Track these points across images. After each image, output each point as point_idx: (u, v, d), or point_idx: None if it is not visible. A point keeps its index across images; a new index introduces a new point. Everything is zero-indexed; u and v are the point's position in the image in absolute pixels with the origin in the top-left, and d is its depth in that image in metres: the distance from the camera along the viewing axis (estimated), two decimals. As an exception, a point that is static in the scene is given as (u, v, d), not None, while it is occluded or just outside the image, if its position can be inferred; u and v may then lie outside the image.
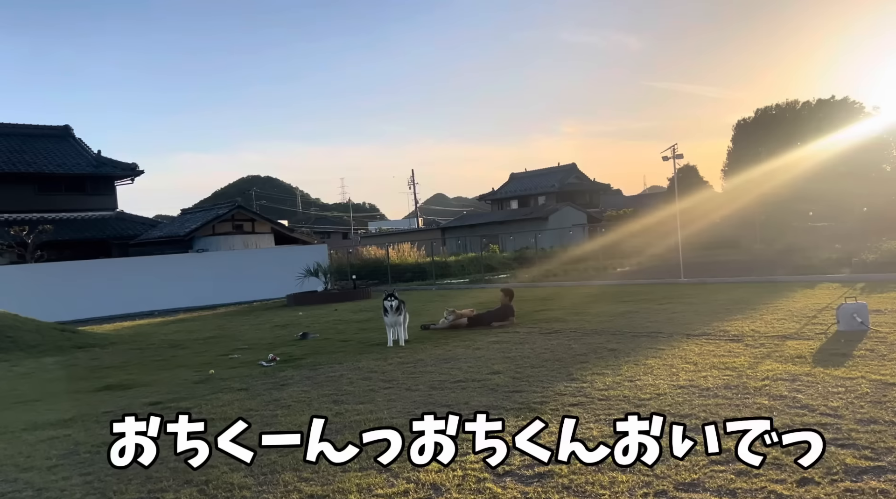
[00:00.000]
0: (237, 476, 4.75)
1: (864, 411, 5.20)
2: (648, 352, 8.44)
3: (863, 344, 7.90)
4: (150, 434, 4.21)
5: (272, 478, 4.67)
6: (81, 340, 13.81)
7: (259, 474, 4.78)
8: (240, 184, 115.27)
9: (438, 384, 7.44)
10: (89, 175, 31.77)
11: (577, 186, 62.70)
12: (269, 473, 4.79)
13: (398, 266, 32.32)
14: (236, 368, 9.72)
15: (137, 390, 8.53)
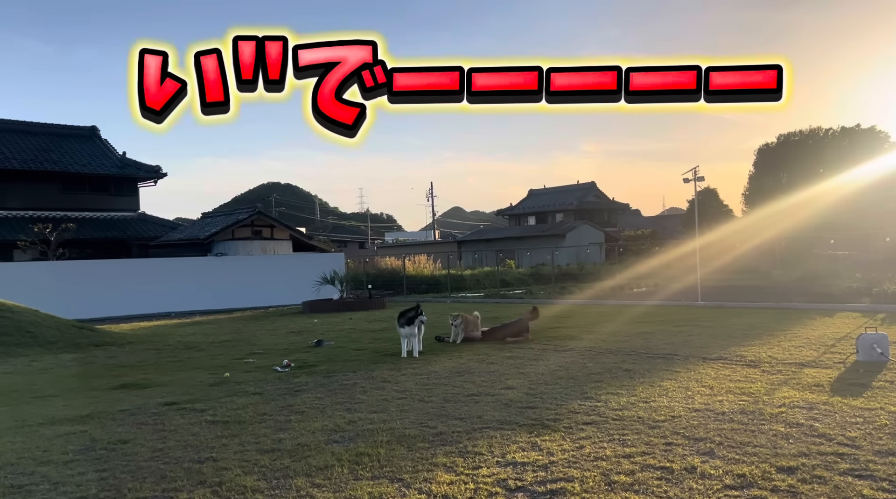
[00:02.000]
0: (250, 479, 4.78)
1: (882, 443, 5.14)
2: (664, 374, 8.39)
3: (882, 375, 7.80)
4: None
5: (285, 483, 4.70)
6: (99, 338, 13.97)
7: (272, 478, 4.81)
8: (260, 190, 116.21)
9: (452, 397, 7.45)
10: (113, 176, 32.22)
11: (595, 204, 62.55)
12: (281, 477, 4.82)
13: (414, 277, 32.36)
14: (251, 373, 9.78)
15: (153, 390, 8.62)
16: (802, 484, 4.31)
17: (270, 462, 5.20)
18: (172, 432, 6.25)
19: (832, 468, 4.59)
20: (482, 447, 5.40)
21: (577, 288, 28.52)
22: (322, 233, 78.56)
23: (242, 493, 4.52)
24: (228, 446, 5.69)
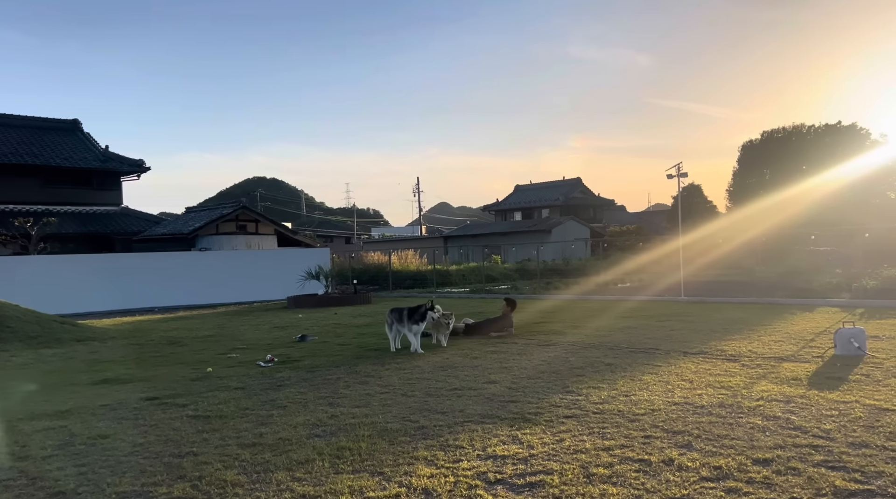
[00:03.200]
0: (231, 473, 4.78)
1: (856, 435, 5.22)
2: (645, 368, 8.47)
3: (859, 369, 7.92)
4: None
5: (265, 477, 4.70)
6: (81, 333, 13.86)
7: (252, 472, 4.81)
8: (245, 184, 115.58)
9: (435, 391, 7.47)
10: (96, 170, 31.91)
11: (581, 200, 62.80)
12: (262, 471, 4.82)
13: (399, 273, 32.36)
14: (234, 368, 9.75)
15: (135, 385, 8.57)
16: (777, 476, 4.37)
17: (251, 456, 5.19)
18: (153, 427, 6.23)
19: (806, 460, 4.66)
20: (463, 441, 5.43)
21: (562, 283, 28.65)
22: (308, 228, 78.28)
23: (222, 487, 4.51)
24: (209, 441, 5.69)
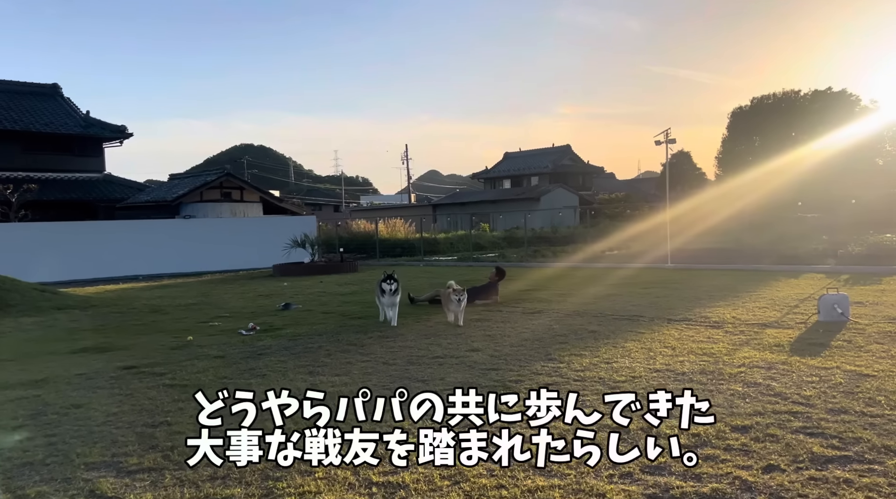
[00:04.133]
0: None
1: (835, 401, 5.20)
2: (628, 335, 8.44)
3: (841, 335, 7.92)
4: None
5: (239, 446, 4.61)
6: (62, 301, 13.69)
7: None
8: (232, 152, 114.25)
9: (416, 359, 7.41)
10: (77, 135, 31.33)
11: (570, 167, 62.57)
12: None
13: (387, 241, 32.22)
14: (215, 336, 9.65)
15: (113, 354, 8.46)
16: (755, 443, 4.34)
17: (227, 424, 5.10)
18: (128, 397, 6.13)
19: (785, 427, 4.63)
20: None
21: (549, 252, 28.63)
22: (296, 196, 77.73)
23: (194, 457, 4.42)
24: (184, 410, 5.59)
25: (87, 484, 4.01)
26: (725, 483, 3.73)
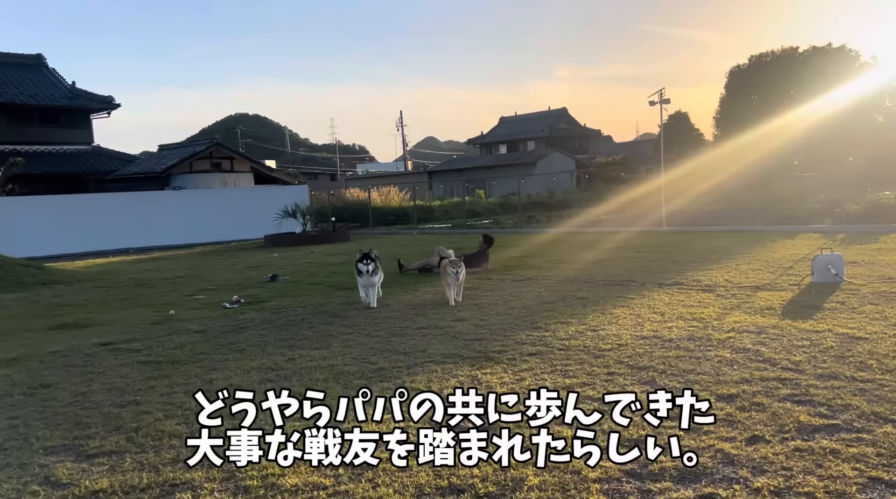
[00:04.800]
0: (170, 424, 4.54)
1: (825, 366, 5.03)
2: (617, 301, 8.26)
3: (835, 296, 7.74)
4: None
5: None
6: (46, 276, 13.50)
7: (194, 422, 4.55)
8: (227, 122, 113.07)
9: (400, 331, 7.23)
10: (64, 107, 30.78)
11: (567, 131, 61.91)
12: (204, 420, 4.57)
13: (381, 210, 31.94)
14: (198, 310, 9.47)
15: (92, 330, 8.29)
16: (740, 412, 4.18)
17: (196, 406, 4.93)
18: (100, 375, 5.97)
19: (772, 395, 4.46)
20: (420, 383, 5.20)
21: (544, 217, 28.40)
22: (292, 165, 77.10)
23: (159, 439, 4.27)
24: (156, 389, 5.43)
25: (42, 470, 3.85)
26: (707, 456, 3.56)
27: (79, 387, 5.58)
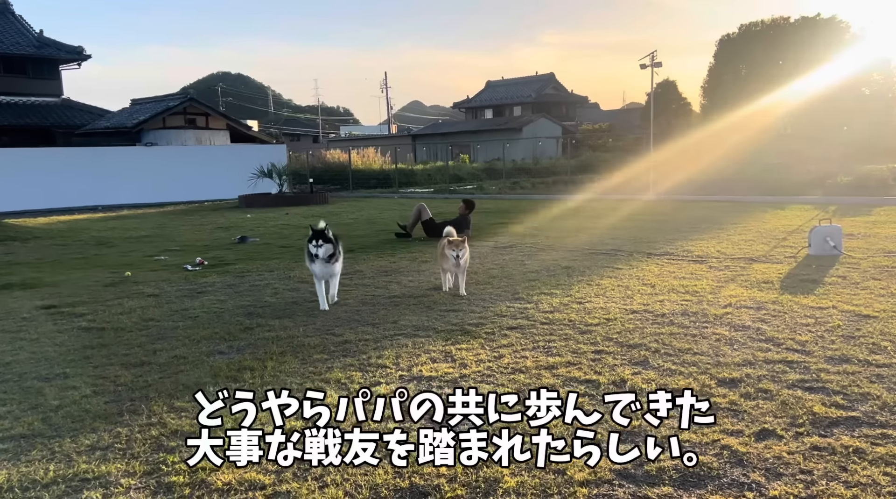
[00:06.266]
0: (97, 402, 3.97)
1: (835, 347, 4.56)
2: (604, 271, 7.75)
3: (835, 270, 7.29)
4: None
5: (138, 406, 3.89)
6: (2, 232, 12.72)
7: (126, 401, 4.00)
8: (209, 80, 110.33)
9: (371, 300, 6.68)
10: (31, 56, 29.34)
11: (553, 96, 60.86)
12: (137, 399, 4.01)
13: (362, 172, 31.14)
14: (157, 272, 8.84)
15: (38, 291, 7.64)
16: (745, 400, 3.69)
17: (132, 379, 4.38)
18: (33, 342, 5.36)
19: (779, 380, 3.98)
20: (388, 359, 4.67)
21: (529, 183, 27.83)
22: (275, 125, 75.52)
23: (80, 420, 3.70)
24: (91, 359, 4.85)
25: (-68, 458, 3.27)
26: (711, 454, 3.07)
27: (4, 356, 4.98)
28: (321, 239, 6.28)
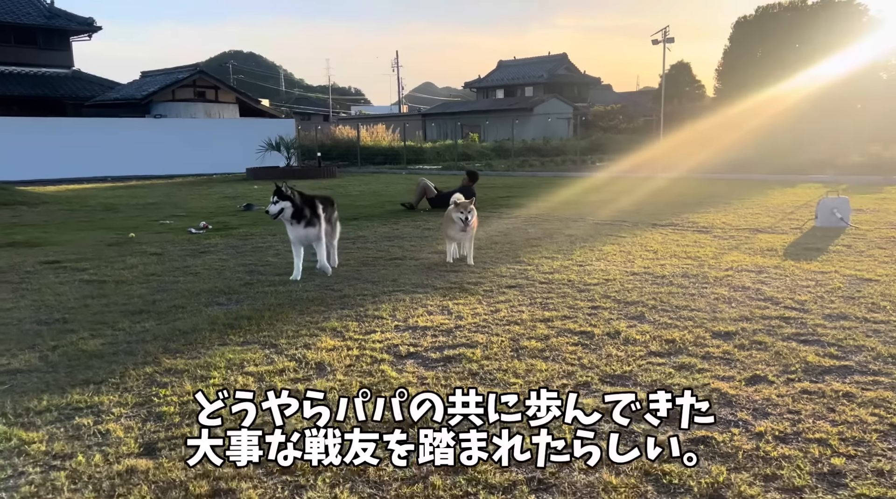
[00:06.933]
0: (94, 343, 4.00)
1: (833, 306, 4.53)
2: (607, 239, 7.72)
3: (840, 240, 7.22)
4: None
5: (134, 348, 3.92)
6: (9, 197, 12.82)
7: (122, 343, 4.03)
8: (221, 58, 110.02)
9: (371, 261, 6.69)
10: (41, 27, 29.34)
11: (566, 77, 60.35)
12: (134, 342, 4.04)
13: (370, 149, 31.07)
14: (161, 234, 8.89)
15: (42, 249, 7.70)
16: (739, 350, 3.67)
17: (130, 325, 4.41)
18: (34, 292, 5.41)
19: (775, 333, 3.96)
20: (384, 311, 4.67)
21: (538, 162, 27.69)
22: (286, 104, 75.37)
23: (76, 359, 3.73)
24: (90, 307, 4.88)
25: (-71, 388, 3.31)
26: (700, 396, 3.06)
27: (4, 303, 5.03)
28: (277, 196, 5.79)
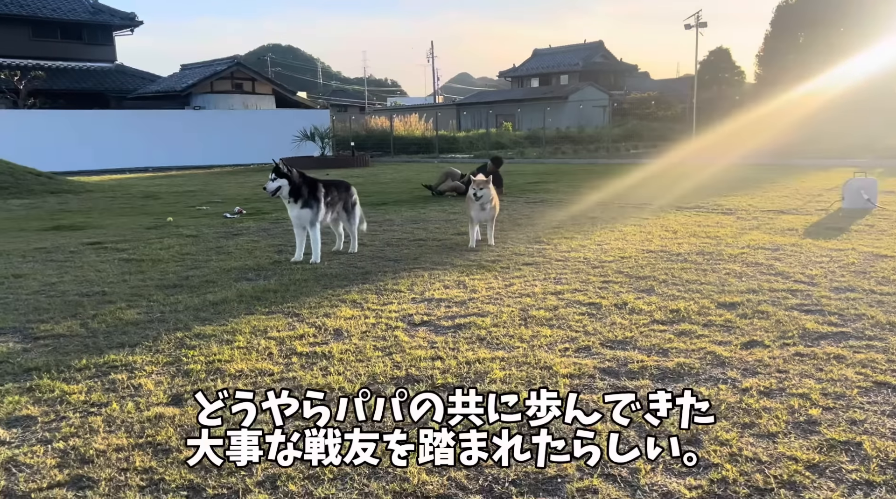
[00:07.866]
0: (131, 312, 4.29)
1: (843, 280, 4.58)
2: (629, 221, 7.80)
3: (864, 220, 7.19)
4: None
5: (167, 316, 4.20)
6: (56, 186, 13.39)
7: (156, 311, 4.32)
8: (260, 52, 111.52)
9: (396, 242, 6.91)
10: (86, 22, 30.27)
11: (602, 65, 59.69)
12: (167, 311, 4.32)
13: (403, 138, 31.33)
14: (198, 218, 9.25)
15: (85, 232, 8.11)
16: (741, 319, 3.78)
17: (164, 297, 4.70)
18: (76, 269, 5.75)
19: (779, 304, 4.05)
20: (403, 285, 4.88)
21: (571, 150, 27.61)
22: (323, 96, 76.18)
23: (114, 325, 4.03)
24: (128, 282, 5.20)
25: (-18, 348, 3.63)
26: (695, 358, 3.20)
27: (49, 278, 5.38)
28: (276, 173, 5.82)
